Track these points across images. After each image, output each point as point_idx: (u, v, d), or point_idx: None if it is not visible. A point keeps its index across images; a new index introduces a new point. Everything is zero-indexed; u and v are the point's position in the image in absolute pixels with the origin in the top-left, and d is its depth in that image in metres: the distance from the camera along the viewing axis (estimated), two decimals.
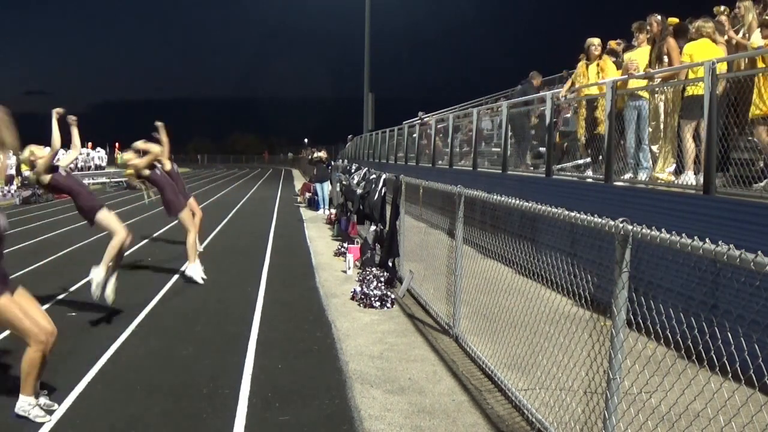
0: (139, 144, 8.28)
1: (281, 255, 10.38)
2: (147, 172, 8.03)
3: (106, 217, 6.59)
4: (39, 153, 6.35)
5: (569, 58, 10.39)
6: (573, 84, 8.87)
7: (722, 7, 7.57)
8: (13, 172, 28.25)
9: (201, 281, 8.03)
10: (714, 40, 6.51)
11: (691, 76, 6.25)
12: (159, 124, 8.84)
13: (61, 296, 7.28)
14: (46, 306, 6.81)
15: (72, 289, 7.69)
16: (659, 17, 7.25)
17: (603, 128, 7.58)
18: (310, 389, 4.45)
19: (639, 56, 7.41)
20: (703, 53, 6.24)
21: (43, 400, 4.15)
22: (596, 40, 8.52)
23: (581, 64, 8.69)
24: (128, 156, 8.24)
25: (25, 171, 7.90)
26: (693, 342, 2.78)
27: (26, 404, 4.09)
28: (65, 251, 10.69)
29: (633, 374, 3.15)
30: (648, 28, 7.39)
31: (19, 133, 4.01)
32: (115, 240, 6.52)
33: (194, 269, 8.10)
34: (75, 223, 14.89)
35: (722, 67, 5.69)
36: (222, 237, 12.71)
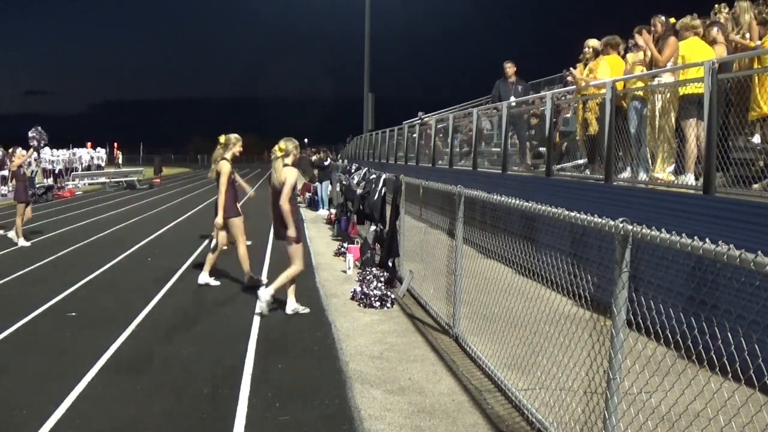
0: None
1: (281, 255, 10.33)
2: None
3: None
4: None
5: (569, 58, 10.39)
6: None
7: (723, 6, 7.54)
8: (6, 172, 27.97)
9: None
10: (709, 39, 6.50)
11: (683, 76, 6.23)
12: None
13: (61, 296, 7.28)
14: (46, 306, 6.82)
15: (72, 289, 7.69)
16: (663, 18, 7.23)
17: (592, 129, 7.64)
18: (310, 389, 4.45)
19: (640, 58, 7.39)
20: (693, 51, 6.24)
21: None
22: (591, 42, 8.47)
23: (579, 66, 8.71)
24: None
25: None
26: (693, 342, 2.78)
27: (268, 296, 6.38)
28: (65, 251, 10.69)
29: (633, 374, 3.15)
30: (652, 29, 7.38)
31: (18, 133, 4.02)
32: (240, 249, 8.00)
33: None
34: (74, 224, 14.90)
35: None
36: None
